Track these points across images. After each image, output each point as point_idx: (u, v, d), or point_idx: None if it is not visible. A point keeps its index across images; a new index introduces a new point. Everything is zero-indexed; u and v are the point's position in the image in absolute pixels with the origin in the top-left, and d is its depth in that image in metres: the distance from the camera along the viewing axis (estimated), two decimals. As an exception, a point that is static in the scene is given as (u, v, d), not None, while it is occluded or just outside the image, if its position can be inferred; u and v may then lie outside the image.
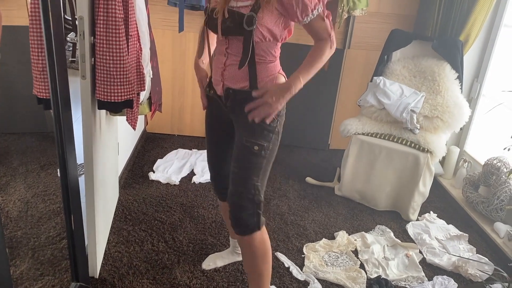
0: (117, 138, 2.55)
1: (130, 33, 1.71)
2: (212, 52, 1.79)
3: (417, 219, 2.86)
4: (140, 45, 1.87)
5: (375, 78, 3.05)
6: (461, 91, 3.00)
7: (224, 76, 1.64)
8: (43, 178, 2.77)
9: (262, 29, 1.51)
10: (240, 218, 1.67)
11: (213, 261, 2.23)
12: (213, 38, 1.77)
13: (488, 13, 2.93)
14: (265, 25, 1.51)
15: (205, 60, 1.81)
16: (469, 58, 3.23)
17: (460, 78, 3.00)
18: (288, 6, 1.49)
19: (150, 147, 3.48)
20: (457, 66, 2.99)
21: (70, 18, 5.28)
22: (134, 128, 2.01)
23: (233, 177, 1.69)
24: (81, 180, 1.82)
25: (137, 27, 1.81)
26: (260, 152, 1.63)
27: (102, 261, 2.16)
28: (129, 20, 1.69)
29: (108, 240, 2.31)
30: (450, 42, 3.01)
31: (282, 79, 1.66)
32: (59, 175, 1.71)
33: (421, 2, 3.31)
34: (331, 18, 1.58)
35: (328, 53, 1.59)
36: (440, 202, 3.13)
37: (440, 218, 2.89)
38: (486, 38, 3.21)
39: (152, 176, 3.01)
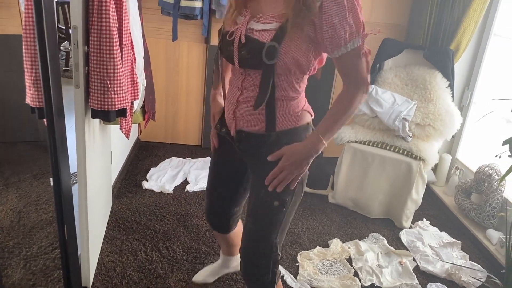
0: (111, 147, 2.55)
1: (124, 42, 1.71)
2: (226, 82, 1.50)
3: (411, 227, 2.87)
4: (134, 54, 1.87)
5: (367, 86, 3.07)
6: (453, 99, 3.03)
7: (236, 114, 1.38)
8: (35, 187, 2.76)
9: (287, 60, 1.23)
10: (253, 276, 1.49)
11: (203, 277, 2.15)
12: (228, 65, 1.51)
13: (478, 23, 2.97)
14: (292, 54, 1.23)
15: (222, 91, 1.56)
16: (460, 66, 3.27)
17: (451, 86, 3.03)
18: (318, 32, 1.21)
19: (144, 156, 3.47)
20: (448, 75, 3.03)
21: (64, 27, 5.28)
22: (127, 137, 2.01)
23: (247, 233, 1.47)
24: (74, 189, 1.82)
25: (131, 36, 1.81)
26: (282, 208, 1.39)
27: (95, 271, 2.14)
28: (123, 29, 1.70)
29: (101, 249, 2.30)
30: (441, 51, 3.05)
31: (308, 117, 1.41)
32: (52, 184, 1.71)
33: (412, 11, 3.36)
34: (370, 57, 1.27)
35: (358, 103, 1.29)
36: (433, 210, 3.15)
37: (433, 226, 2.90)
38: (477, 47, 3.26)
39: (146, 185, 3.00)
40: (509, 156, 1.87)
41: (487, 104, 3.19)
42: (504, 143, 1.72)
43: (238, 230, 1.83)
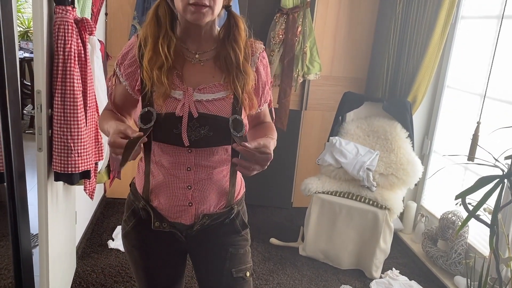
0: (75, 207, 2.49)
1: (88, 105, 1.73)
2: (155, 168, 1.23)
3: (381, 277, 2.88)
4: (98, 115, 1.89)
5: (331, 138, 3.16)
6: (413, 149, 3.14)
7: (194, 197, 1.21)
8: (-6, 251, 2.64)
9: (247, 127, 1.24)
10: None
11: None
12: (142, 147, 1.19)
13: (432, 75, 3.14)
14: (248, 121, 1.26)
15: None
16: (419, 116, 3.42)
17: (411, 136, 3.15)
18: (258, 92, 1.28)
19: (110, 213, 3.40)
20: (407, 125, 3.15)
21: (30, 84, 5.22)
22: (91, 198, 1.98)
23: None
24: (36, 252, 1.76)
25: (95, 98, 1.84)
26: (251, 276, 1.32)
27: None
28: (88, 92, 1.72)
29: (63, 316, 2.20)
30: (399, 103, 3.19)
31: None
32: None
33: (370, 65, 3.53)
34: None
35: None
36: (402, 258, 3.17)
37: (403, 274, 2.91)
38: (433, 98, 3.43)
39: (112, 244, 2.91)
40: (459, 205, 1.93)
41: (447, 152, 3.31)
42: (457, 197, 1.78)
43: None
